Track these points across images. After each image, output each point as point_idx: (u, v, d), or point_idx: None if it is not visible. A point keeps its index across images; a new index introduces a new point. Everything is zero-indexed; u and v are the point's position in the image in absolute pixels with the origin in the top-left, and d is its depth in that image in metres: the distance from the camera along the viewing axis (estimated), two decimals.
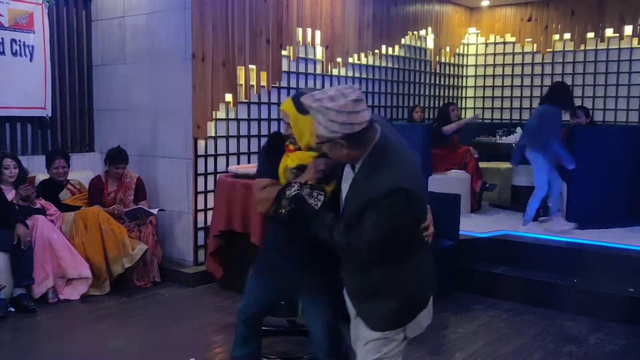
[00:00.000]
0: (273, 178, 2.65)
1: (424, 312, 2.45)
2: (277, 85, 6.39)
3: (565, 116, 6.65)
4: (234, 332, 3.06)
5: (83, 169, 6.06)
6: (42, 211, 5.13)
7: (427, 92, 8.78)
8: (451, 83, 9.32)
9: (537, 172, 6.04)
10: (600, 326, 4.59)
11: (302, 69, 6.69)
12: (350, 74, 7.32)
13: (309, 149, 2.56)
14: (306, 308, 2.90)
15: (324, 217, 2.36)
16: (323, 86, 6.97)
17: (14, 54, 5.68)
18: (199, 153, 5.67)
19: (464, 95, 9.67)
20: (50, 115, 5.98)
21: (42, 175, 5.55)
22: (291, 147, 2.65)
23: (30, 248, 4.83)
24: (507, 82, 9.33)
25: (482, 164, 7.59)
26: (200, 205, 5.73)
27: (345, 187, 2.39)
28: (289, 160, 2.63)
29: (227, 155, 5.95)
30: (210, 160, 5.80)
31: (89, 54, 6.37)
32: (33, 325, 4.50)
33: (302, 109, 2.48)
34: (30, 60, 5.80)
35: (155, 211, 5.57)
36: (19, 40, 5.70)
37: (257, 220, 4.64)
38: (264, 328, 3.64)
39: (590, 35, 8.48)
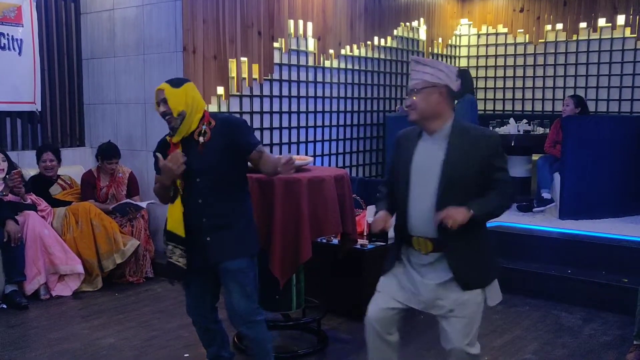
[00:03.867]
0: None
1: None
2: (269, 77, 6.35)
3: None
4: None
5: (73, 164, 6.00)
6: (33, 207, 5.08)
7: None
8: None
9: None
10: (594, 317, 4.59)
11: (294, 61, 6.65)
12: (342, 65, 7.29)
13: (182, 118, 2.95)
14: (222, 276, 3.05)
15: (485, 205, 2.63)
16: (315, 78, 6.93)
17: (3, 47, 5.61)
18: None
19: None
20: (39, 109, 5.93)
21: (32, 171, 5.50)
22: (173, 140, 3.00)
23: (21, 244, 4.78)
24: (500, 73, 9.31)
25: None
26: None
27: (423, 154, 2.68)
28: None
29: None
30: None
31: (79, 47, 6.30)
32: (25, 322, 4.46)
33: (175, 84, 2.98)
34: (19, 54, 5.73)
35: (144, 205, 5.51)
36: (7, 34, 5.63)
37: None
38: None
39: (583, 25, 8.46)
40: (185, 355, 3.84)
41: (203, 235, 3.00)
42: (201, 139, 2.96)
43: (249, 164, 3.10)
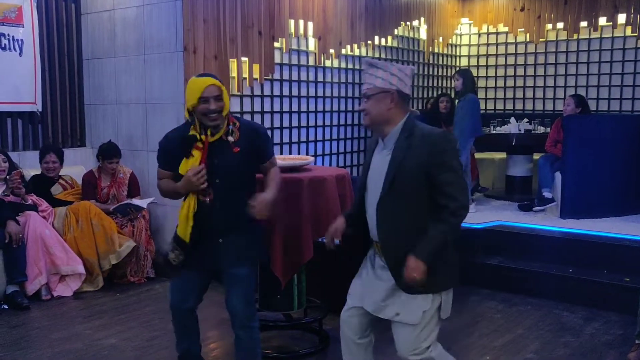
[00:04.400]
0: (171, 171, 3.03)
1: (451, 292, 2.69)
2: (269, 77, 6.34)
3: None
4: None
5: (75, 164, 6.00)
6: (34, 207, 5.09)
7: (420, 83, 8.74)
8: (444, 73, 9.29)
9: None
10: (596, 316, 4.59)
11: (294, 61, 6.65)
12: (343, 65, 7.28)
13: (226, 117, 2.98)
14: (226, 278, 3.07)
15: (433, 244, 2.53)
16: (316, 78, 6.93)
17: (3, 48, 5.61)
18: None
19: None
20: (40, 110, 5.92)
21: (33, 171, 5.50)
22: (212, 139, 2.93)
23: (22, 245, 4.79)
24: (501, 72, 9.31)
25: (477, 155, 7.58)
26: None
27: (377, 159, 2.66)
28: (186, 165, 2.94)
29: None
30: None
31: (79, 47, 6.30)
32: (27, 323, 4.46)
33: (220, 82, 2.95)
34: (20, 54, 5.73)
35: (145, 205, 5.50)
36: (8, 35, 5.63)
37: None
38: (261, 321, 3.63)
39: (584, 24, 8.45)
40: None
41: (216, 237, 3.02)
42: (230, 138, 2.96)
43: None
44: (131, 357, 3.86)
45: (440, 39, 9.06)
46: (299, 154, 6.70)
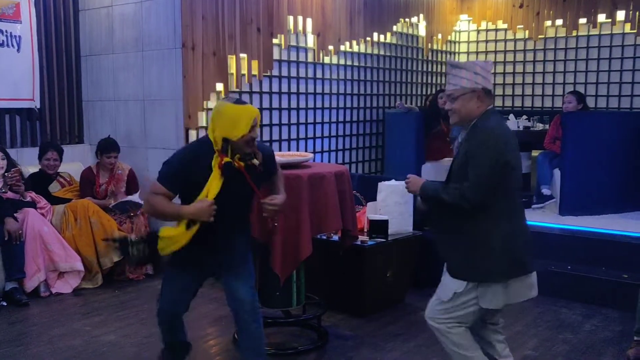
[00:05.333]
0: (175, 193, 2.90)
1: (501, 287, 2.75)
2: (268, 74, 6.34)
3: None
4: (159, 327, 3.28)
5: (73, 161, 5.99)
6: (33, 204, 5.08)
7: (419, 80, 8.74)
8: (443, 70, 9.28)
9: None
10: (595, 313, 4.59)
11: (293, 57, 6.64)
12: (342, 61, 7.27)
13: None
14: (230, 276, 3.06)
15: (430, 188, 2.78)
16: (315, 74, 6.92)
17: (1, 44, 5.60)
18: None
19: None
20: (38, 106, 5.91)
21: (31, 168, 5.49)
22: (242, 162, 2.88)
23: (21, 242, 4.78)
24: (499, 69, 9.29)
25: None
26: None
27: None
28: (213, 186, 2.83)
29: None
30: None
31: (77, 44, 6.29)
32: (26, 319, 4.45)
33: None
34: (18, 51, 5.72)
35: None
36: (6, 31, 5.61)
37: (255, 213, 4.60)
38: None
39: (583, 21, 8.44)
40: None
41: (218, 253, 3.01)
42: (256, 161, 2.92)
43: None
44: (130, 354, 3.86)
45: (439, 36, 9.06)
46: (297, 150, 6.70)
